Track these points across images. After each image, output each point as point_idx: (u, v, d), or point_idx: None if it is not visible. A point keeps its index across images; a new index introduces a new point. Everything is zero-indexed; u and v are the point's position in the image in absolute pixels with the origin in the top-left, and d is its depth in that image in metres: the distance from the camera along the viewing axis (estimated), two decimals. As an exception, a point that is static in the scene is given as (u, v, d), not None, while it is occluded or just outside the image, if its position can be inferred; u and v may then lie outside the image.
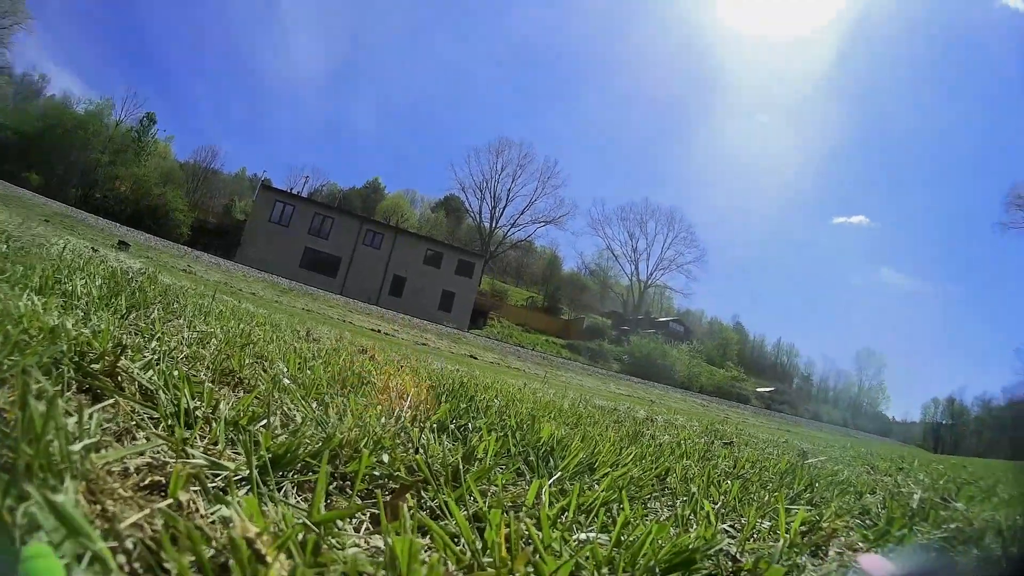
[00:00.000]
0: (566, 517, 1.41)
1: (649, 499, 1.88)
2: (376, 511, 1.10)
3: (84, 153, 47.98)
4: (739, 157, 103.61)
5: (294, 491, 1.24)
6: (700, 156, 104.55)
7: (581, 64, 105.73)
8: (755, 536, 1.62)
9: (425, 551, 1.08)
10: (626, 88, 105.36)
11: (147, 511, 0.84)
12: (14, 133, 45.21)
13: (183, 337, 2.50)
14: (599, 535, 1.31)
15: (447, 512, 1.23)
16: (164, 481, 1.01)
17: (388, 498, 1.28)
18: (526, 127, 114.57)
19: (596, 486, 1.71)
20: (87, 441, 0.96)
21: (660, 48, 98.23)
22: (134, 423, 1.29)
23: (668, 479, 2.20)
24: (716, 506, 1.81)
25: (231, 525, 0.83)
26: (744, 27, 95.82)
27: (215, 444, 1.30)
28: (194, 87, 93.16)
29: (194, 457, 1.14)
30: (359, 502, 1.21)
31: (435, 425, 2.08)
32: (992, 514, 2.16)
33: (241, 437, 1.33)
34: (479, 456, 1.76)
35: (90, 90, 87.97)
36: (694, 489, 1.98)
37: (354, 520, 1.17)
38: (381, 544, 1.03)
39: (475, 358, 20.46)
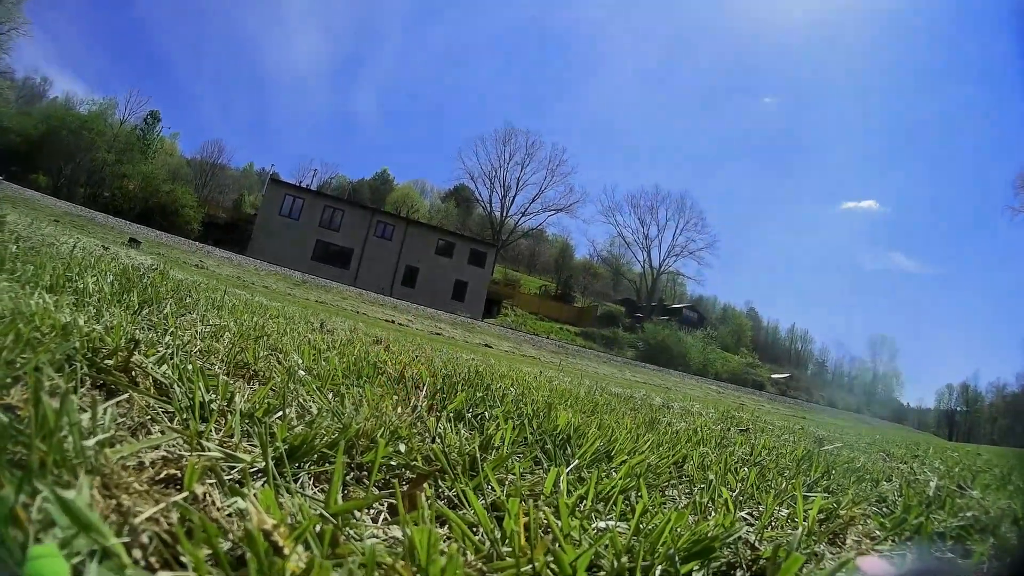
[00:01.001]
0: (584, 505, 1.39)
1: (667, 487, 1.86)
2: (393, 501, 1.10)
3: (90, 153, 48.44)
4: (747, 142, 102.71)
5: (311, 482, 1.24)
6: (707, 142, 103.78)
7: (585, 48, 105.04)
8: (773, 524, 1.60)
9: (443, 541, 1.07)
10: (630, 73, 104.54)
11: (162, 505, 0.83)
12: (19, 136, 45.62)
13: (196, 331, 2.51)
14: (618, 523, 1.29)
15: (465, 502, 1.22)
16: (179, 474, 1.01)
17: (405, 488, 1.27)
18: (533, 114, 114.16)
19: (614, 474, 1.70)
20: (101, 436, 0.96)
21: (662, 31, 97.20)
22: (149, 417, 1.29)
23: (685, 466, 2.19)
24: (734, 493, 1.79)
25: (247, 517, 0.83)
26: (752, 8, 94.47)
27: (231, 437, 1.29)
28: (198, 82, 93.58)
29: (209, 450, 1.14)
30: (376, 492, 1.20)
31: (451, 414, 2.08)
32: (1008, 502, 2.14)
33: (257, 429, 1.33)
34: (496, 445, 1.75)
35: (93, 91, 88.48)
36: (711, 476, 1.96)
37: (371, 510, 1.16)
38: (399, 534, 1.02)
39: (490, 347, 20.51)
